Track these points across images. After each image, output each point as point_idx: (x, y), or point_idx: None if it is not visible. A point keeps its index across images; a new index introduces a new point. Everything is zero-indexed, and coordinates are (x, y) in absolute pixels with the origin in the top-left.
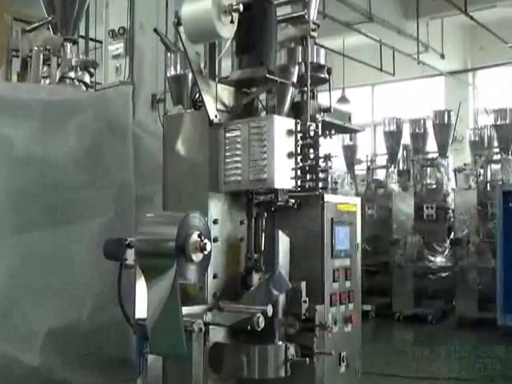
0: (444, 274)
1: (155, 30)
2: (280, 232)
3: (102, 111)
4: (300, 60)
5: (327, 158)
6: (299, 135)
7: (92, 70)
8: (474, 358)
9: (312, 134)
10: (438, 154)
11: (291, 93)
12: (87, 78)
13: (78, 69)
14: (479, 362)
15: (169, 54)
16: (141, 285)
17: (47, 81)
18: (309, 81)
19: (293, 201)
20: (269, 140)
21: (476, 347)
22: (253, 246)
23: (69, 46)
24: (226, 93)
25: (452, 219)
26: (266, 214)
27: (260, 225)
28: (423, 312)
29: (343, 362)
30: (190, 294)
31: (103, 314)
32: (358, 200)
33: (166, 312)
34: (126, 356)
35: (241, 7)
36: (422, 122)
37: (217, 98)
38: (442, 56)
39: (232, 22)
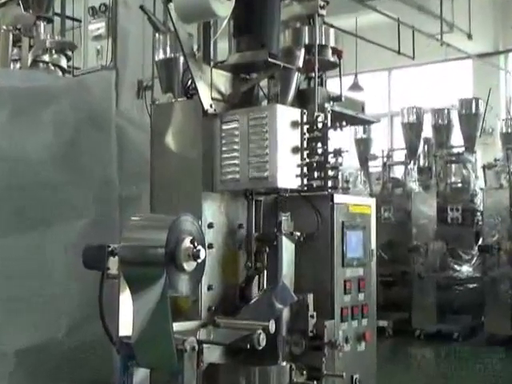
0: (471, 286)
1: (141, 8)
2: (284, 238)
3: (80, 100)
4: (307, 42)
5: (337, 153)
6: (305, 127)
7: (69, 52)
8: (506, 381)
9: (320, 125)
10: (464, 149)
11: (296, 79)
12: (64, 62)
13: (53, 51)
14: None
15: (157, 35)
16: (125, 297)
17: (17, 65)
18: (316, 65)
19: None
20: (271, 133)
21: (509, 368)
22: (253, 253)
23: (42, 24)
24: (222, 79)
25: (480, 223)
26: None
27: (261, 230)
28: (448, 329)
29: None
30: (182, 308)
31: (82, 331)
32: (372, 201)
33: (155, 328)
34: (107, 379)
35: None
36: (445, 111)
37: (212, 85)
38: (470, 36)
39: None
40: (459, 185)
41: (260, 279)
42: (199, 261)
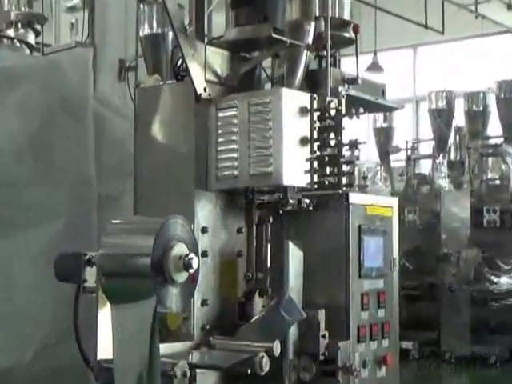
0: (511, 301)
1: None
2: (291, 244)
3: (51, 82)
4: (317, 14)
5: (353, 145)
6: (316, 114)
7: (38, 26)
8: None
9: (333, 112)
10: (502, 139)
11: (305, 58)
12: (31, 38)
13: (19, 25)
14: None
15: (142, 7)
16: (105, 315)
17: None
18: (329, 42)
19: (308, 202)
20: (275, 121)
21: None
22: (254, 262)
23: None
24: (218, 58)
25: None
26: (271, 220)
27: (264, 234)
28: (483, 351)
29: None
30: (171, 327)
31: (53, 354)
32: (394, 201)
33: (139, 351)
34: None
35: None
36: (481, 95)
37: (206, 66)
38: (510, 6)
39: None
40: (497, 182)
41: (262, 293)
42: (191, 271)
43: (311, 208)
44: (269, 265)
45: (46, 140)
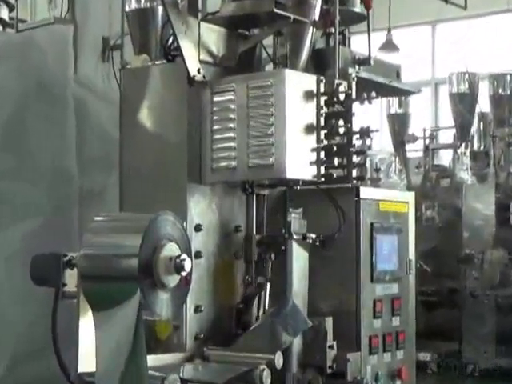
0: None
1: None
2: (294, 244)
3: (27, 63)
4: None
5: (365, 133)
6: (323, 99)
7: (12, 0)
8: None
9: (342, 97)
10: None
11: (311, 36)
12: (5, 13)
13: None
14: None
15: None
16: (86, 322)
17: None
18: (337, 18)
19: (313, 237)
20: (278, 106)
21: None
22: (254, 264)
23: None
24: (213, 36)
25: None
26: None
27: (265, 233)
28: (510, 364)
29: None
30: (161, 337)
31: (29, 366)
32: (410, 196)
33: (124, 363)
34: None
35: None
36: (507, 78)
37: (200, 44)
38: None
39: None
40: None
41: (262, 298)
42: (183, 274)
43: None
44: (270, 267)
45: (20, 128)
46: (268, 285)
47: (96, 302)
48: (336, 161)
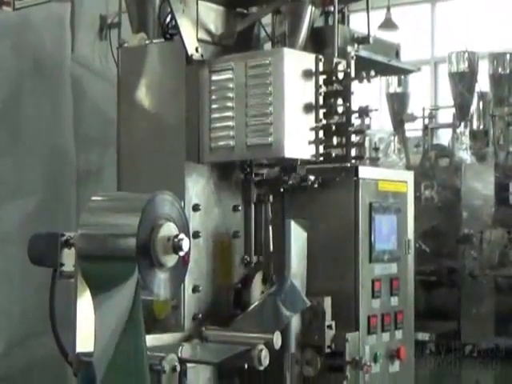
0: None
1: None
2: (293, 223)
3: (23, 42)
4: None
5: (364, 112)
6: (322, 78)
7: None
8: None
9: (341, 76)
10: None
11: (310, 14)
12: None
13: None
14: None
15: None
16: (84, 302)
17: None
18: None
19: (312, 177)
20: (276, 85)
21: None
22: (252, 244)
23: None
24: (211, 15)
25: None
26: (271, 198)
27: (263, 213)
28: (509, 344)
29: None
30: (159, 316)
31: (26, 347)
32: (409, 175)
33: (122, 343)
34: None
35: None
36: (507, 57)
37: (198, 23)
38: None
39: None
40: None
41: (261, 278)
42: (181, 254)
43: (317, 184)
44: (269, 247)
45: (16, 107)
46: (270, 228)
47: (94, 282)
48: (335, 140)
